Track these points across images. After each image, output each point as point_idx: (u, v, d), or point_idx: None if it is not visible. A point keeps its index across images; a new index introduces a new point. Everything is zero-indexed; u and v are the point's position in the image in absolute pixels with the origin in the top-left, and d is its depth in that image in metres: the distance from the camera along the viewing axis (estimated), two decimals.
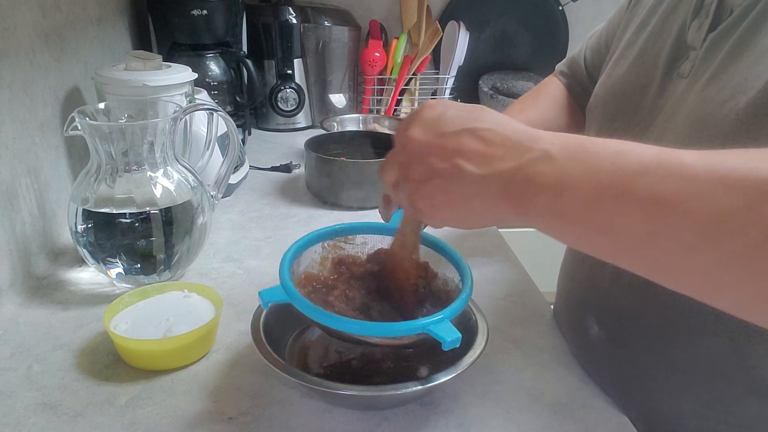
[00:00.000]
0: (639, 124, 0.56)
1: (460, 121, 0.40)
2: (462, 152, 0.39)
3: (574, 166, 0.35)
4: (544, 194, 0.36)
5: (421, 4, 1.43)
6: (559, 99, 0.78)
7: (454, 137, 0.39)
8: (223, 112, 0.79)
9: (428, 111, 0.42)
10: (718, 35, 0.50)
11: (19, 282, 0.72)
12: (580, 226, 0.35)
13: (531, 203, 0.36)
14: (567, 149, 0.36)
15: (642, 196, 0.32)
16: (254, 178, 1.11)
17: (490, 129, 0.39)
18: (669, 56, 0.55)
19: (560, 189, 0.35)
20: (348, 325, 0.48)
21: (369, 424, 0.53)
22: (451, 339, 0.45)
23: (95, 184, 0.69)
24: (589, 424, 0.54)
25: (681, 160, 0.32)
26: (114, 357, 0.61)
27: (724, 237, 0.30)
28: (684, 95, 0.51)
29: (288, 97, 1.37)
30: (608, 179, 0.33)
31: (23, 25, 0.74)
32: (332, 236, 0.61)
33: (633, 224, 0.32)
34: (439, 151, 0.39)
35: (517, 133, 0.38)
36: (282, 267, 0.53)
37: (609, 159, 0.34)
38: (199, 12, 1.17)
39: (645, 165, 0.33)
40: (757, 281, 0.30)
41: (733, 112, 0.45)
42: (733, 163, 0.31)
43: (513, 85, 1.52)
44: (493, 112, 0.41)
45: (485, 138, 0.38)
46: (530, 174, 0.36)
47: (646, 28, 0.60)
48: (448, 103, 0.42)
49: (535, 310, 0.72)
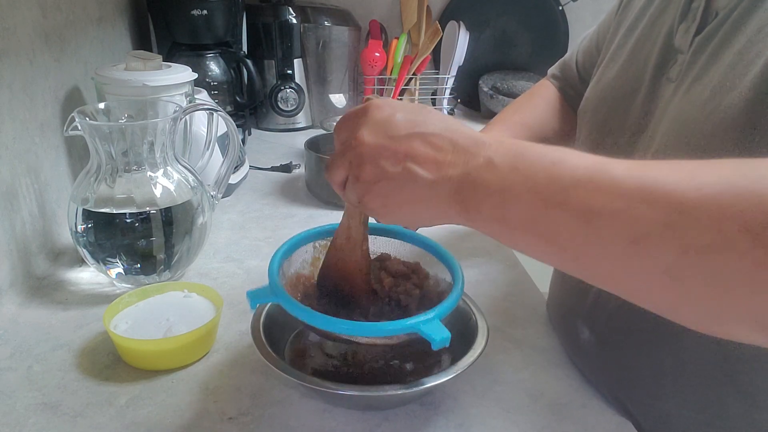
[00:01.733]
0: (629, 129, 0.56)
1: (410, 125, 0.40)
2: (413, 156, 0.40)
3: (514, 174, 0.36)
4: (488, 201, 0.37)
5: (421, 4, 1.43)
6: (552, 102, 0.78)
7: (405, 141, 0.40)
8: (223, 112, 0.79)
9: (377, 112, 0.42)
10: (703, 39, 0.50)
11: (19, 282, 0.72)
12: (521, 232, 0.37)
13: (476, 209, 0.38)
14: (508, 157, 0.37)
15: (575, 208, 0.34)
16: (254, 178, 1.11)
17: (438, 134, 0.40)
18: (657, 60, 0.54)
19: (502, 197, 0.36)
20: (336, 325, 0.48)
21: (369, 424, 0.53)
22: (440, 338, 0.45)
23: (95, 184, 0.69)
24: (589, 424, 0.54)
25: (611, 174, 0.33)
26: (114, 357, 0.61)
27: (647, 252, 0.31)
28: (671, 99, 0.51)
29: (288, 97, 1.37)
30: (544, 189, 0.35)
31: (23, 25, 0.74)
32: (323, 236, 0.60)
33: (569, 233, 0.34)
34: (391, 154, 0.40)
35: (465, 139, 0.39)
36: (271, 267, 0.53)
37: (545, 170, 0.35)
38: (199, 12, 1.17)
39: (577, 178, 0.34)
40: (678, 290, 0.31)
41: (714, 113, 0.45)
42: (660, 177, 0.32)
43: (513, 85, 1.52)
44: (440, 115, 0.42)
45: (434, 143, 0.40)
46: (476, 181, 0.38)
47: (634, 31, 0.60)
48: (395, 103, 0.42)
49: (535, 310, 0.72)
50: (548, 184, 0.35)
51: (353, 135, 0.42)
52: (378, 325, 0.48)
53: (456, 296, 0.51)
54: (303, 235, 0.59)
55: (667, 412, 0.54)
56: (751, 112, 0.42)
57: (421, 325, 0.46)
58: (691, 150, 0.46)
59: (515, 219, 0.36)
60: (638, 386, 0.55)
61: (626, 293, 0.35)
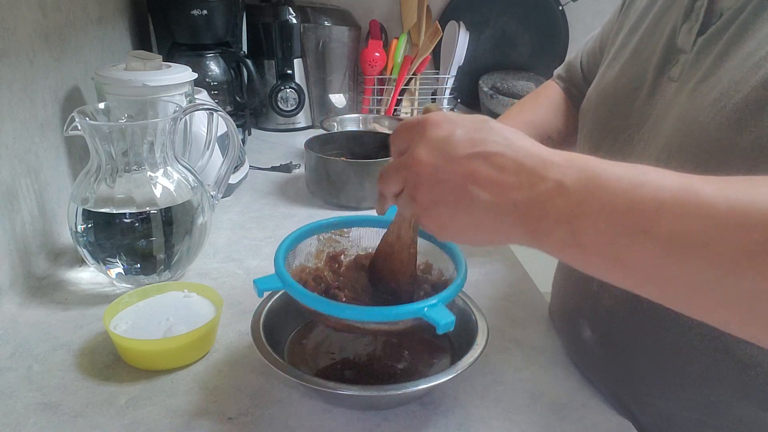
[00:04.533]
0: (630, 128, 0.56)
1: (471, 144, 0.38)
2: (474, 179, 0.37)
3: (589, 199, 0.34)
4: (559, 228, 0.35)
5: (421, 4, 1.43)
6: (557, 102, 0.79)
7: (466, 162, 0.37)
8: (223, 112, 0.79)
9: (435, 130, 0.39)
10: (708, 38, 0.50)
11: (19, 282, 0.72)
12: (596, 258, 0.35)
13: (546, 235, 0.36)
14: (581, 181, 0.35)
15: (659, 234, 0.32)
16: (254, 178, 1.11)
17: (502, 154, 0.37)
18: (659, 60, 0.54)
19: (576, 223, 0.34)
20: (342, 310, 0.48)
21: (369, 424, 0.53)
22: (445, 322, 0.45)
23: (95, 184, 0.69)
24: (589, 424, 0.54)
25: (699, 196, 0.31)
26: (114, 357, 0.61)
27: (745, 276, 0.29)
28: (674, 99, 0.51)
29: (288, 97, 1.37)
30: (625, 216, 0.33)
31: (23, 25, 0.74)
32: (327, 229, 0.60)
33: (651, 260, 0.32)
34: (450, 177, 0.38)
35: (530, 158, 0.37)
36: (277, 256, 0.53)
37: (625, 194, 0.33)
38: (199, 12, 1.17)
39: (662, 201, 0.32)
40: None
41: (720, 114, 0.45)
42: (754, 195, 0.30)
43: (513, 85, 1.52)
44: (502, 129, 0.39)
45: (497, 164, 0.37)
46: (545, 206, 0.35)
47: (637, 31, 0.60)
48: (455, 119, 0.40)
49: (535, 310, 0.72)
50: (629, 210, 0.32)
51: (410, 153, 0.40)
52: (383, 309, 0.48)
53: (460, 282, 0.51)
54: (307, 227, 0.59)
55: (669, 412, 0.54)
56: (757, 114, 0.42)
57: (426, 309, 0.46)
58: (698, 151, 0.46)
59: (590, 246, 0.34)
60: (640, 386, 0.55)
61: (717, 321, 0.33)
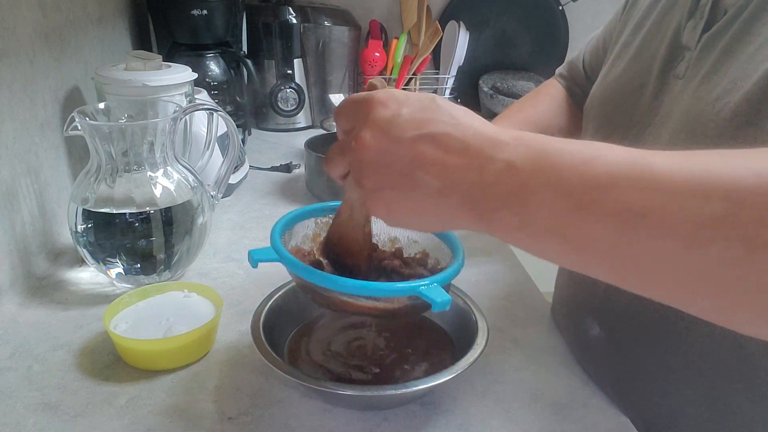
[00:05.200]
0: (636, 125, 0.56)
1: (417, 125, 0.36)
2: (420, 162, 0.36)
3: (538, 177, 0.32)
4: (507, 209, 0.33)
5: (421, 4, 1.43)
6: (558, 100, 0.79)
7: (411, 144, 0.36)
8: (223, 112, 0.79)
9: (381, 110, 0.37)
10: (712, 36, 0.50)
11: (19, 282, 0.72)
12: (544, 238, 0.33)
13: (493, 217, 0.34)
14: (531, 159, 0.33)
15: (612, 210, 0.30)
16: (254, 178, 1.11)
17: (448, 134, 0.35)
18: (664, 57, 0.55)
19: (524, 202, 0.33)
20: (337, 283, 0.47)
21: (369, 424, 0.53)
22: (441, 300, 0.45)
23: (95, 184, 0.69)
24: (589, 423, 0.54)
25: (653, 168, 0.30)
26: (114, 357, 0.61)
27: (703, 248, 0.28)
28: (679, 96, 0.51)
29: (288, 97, 1.37)
30: (575, 191, 0.31)
31: (23, 25, 0.74)
32: (325, 213, 0.60)
33: (603, 236, 0.31)
34: (395, 160, 0.36)
35: (478, 138, 0.35)
36: (274, 231, 0.53)
37: (576, 169, 0.31)
38: (199, 12, 1.17)
39: (613, 176, 0.30)
40: (736, 291, 0.28)
41: (724, 110, 0.45)
42: (709, 166, 0.29)
43: (513, 85, 1.52)
44: (451, 109, 0.37)
45: (444, 144, 0.35)
46: (492, 188, 0.34)
47: (641, 29, 0.60)
48: (401, 97, 0.38)
49: (535, 310, 0.72)
50: (579, 185, 0.31)
51: (355, 134, 0.38)
52: (379, 285, 0.47)
53: (458, 265, 0.51)
54: (305, 209, 0.59)
55: (676, 409, 0.54)
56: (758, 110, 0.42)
57: (422, 287, 0.46)
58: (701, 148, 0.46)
59: (541, 226, 0.32)
60: (647, 383, 0.55)
61: (673, 299, 0.31)
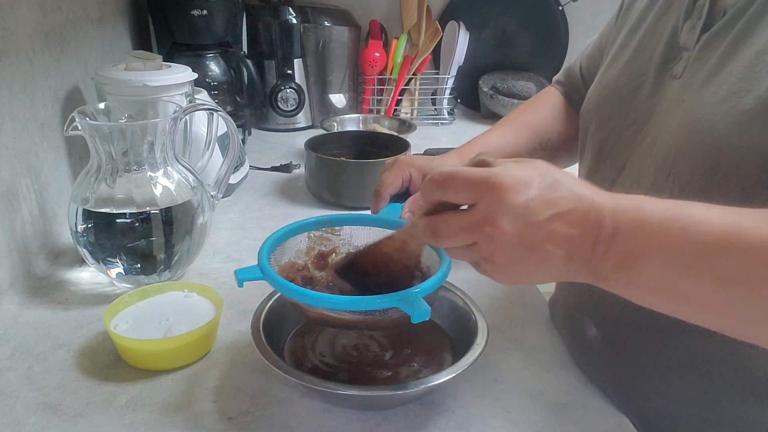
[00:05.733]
0: (633, 125, 0.56)
1: (547, 206, 0.39)
2: (551, 238, 0.39)
3: (642, 245, 0.38)
4: (620, 272, 0.39)
5: (421, 4, 1.43)
6: (556, 106, 0.79)
7: (546, 225, 0.39)
8: (223, 112, 0.79)
9: (513, 196, 0.39)
10: (712, 36, 0.50)
11: (19, 282, 0.72)
12: (654, 296, 0.39)
13: (609, 278, 0.39)
14: (633, 225, 0.38)
15: (713, 276, 0.35)
16: (254, 178, 1.11)
17: (572, 210, 0.39)
18: (661, 57, 0.55)
19: (634, 268, 0.38)
20: (317, 299, 0.48)
21: (369, 424, 0.53)
22: (419, 311, 0.45)
23: (95, 184, 0.69)
24: (589, 423, 0.54)
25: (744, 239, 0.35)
26: (114, 357, 0.61)
27: None
28: (677, 96, 0.52)
29: (288, 97, 1.37)
30: (679, 262, 0.36)
31: (23, 25, 0.74)
32: (318, 227, 0.60)
33: (708, 298, 0.36)
34: (531, 240, 0.39)
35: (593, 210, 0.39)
36: (261, 250, 0.53)
37: (676, 237, 0.37)
38: (199, 12, 1.17)
39: (710, 246, 0.36)
40: None
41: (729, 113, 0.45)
42: None
43: (513, 85, 1.52)
44: (566, 181, 0.40)
45: (569, 220, 0.39)
46: (607, 255, 0.38)
47: (638, 30, 0.60)
48: (526, 179, 0.40)
49: (535, 310, 0.72)
50: (681, 256, 0.36)
51: (488, 219, 0.39)
52: (355, 299, 0.48)
53: (441, 275, 0.51)
54: (296, 224, 0.59)
55: (674, 410, 0.54)
56: None
57: (400, 298, 0.47)
58: (707, 149, 0.46)
59: (650, 286, 0.38)
60: (645, 383, 0.55)
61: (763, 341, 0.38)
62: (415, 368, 0.58)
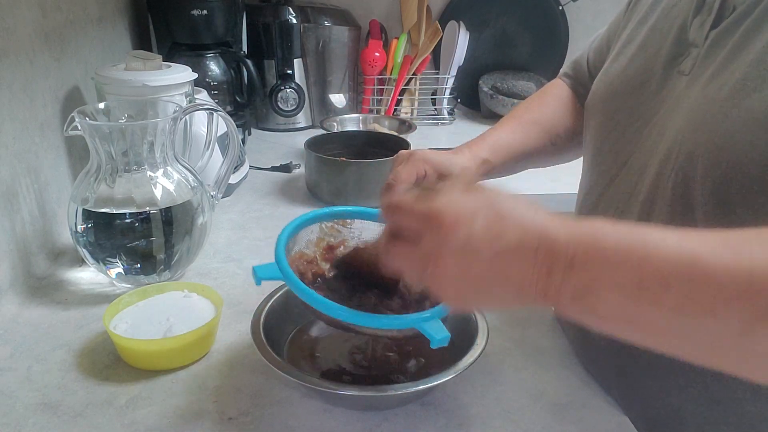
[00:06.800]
0: (638, 120, 0.56)
1: (490, 241, 0.38)
2: (497, 276, 0.38)
3: (598, 276, 0.36)
4: (576, 302, 0.37)
5: (421, 4, 1.43)
6: (564, 100, 0.78)
7: (491, 263, 0.38)
8: (223, 112, 0.79)
9: (454, 232, 0.38)
10: (721, 33, 0.49)
11: (19, 282, 0.72)
12: (610, 324, 0.38)
13: (568, 307, 0.38)
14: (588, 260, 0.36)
15: (669, 306, 0.34)
16: (254, 178, 1.11)
17: (521, 244, 0.37)
18: (669, 53, 0.54)
19: (590, 297, 0.37)
20: (340, 312, 0.48)
21: (369, 424, 0.53)
22: (440, 337, 0.45)
23: (95, 184, 0.69)
24: (589, 424, 0.54)
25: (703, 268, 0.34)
26: (114, 357, 0.61)
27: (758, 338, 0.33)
28: (685, 92, 0.51)
29: (288, 97, 1.37)
30: (634, 295, 0.35)
31: (23, 25, 0.74)
32: (330, 218, 0.60)
33: (665, 327, 0.35)
34: (475, 278, 0.39)
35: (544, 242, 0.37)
36: (278, 245, 0.53)
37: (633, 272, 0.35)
38: (199, 12, 1.17)
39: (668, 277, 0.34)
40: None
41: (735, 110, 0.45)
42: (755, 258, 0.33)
43: (513, 85, 1.52)
44: (514, 210, 0.39)
45: (519, 256, 0.38)
46: (562, 286, 0.37)
47: (645, 24, 0.60)
48: (466, 211, 0.39)
49: (536, 310, 0.72)
50: (637, 288, 0.35)
51: (431, 256, 0.39)
52: (381, 317, 0.48)
53: None
54: (311, 215, 0.58)
55: (677, 407, 0.54)
56: None
57: (422, 322, 0.47)
58: (711, 147, 0.46)
59: (608, 315, 0.37)
60: (650, 382, 0.55)
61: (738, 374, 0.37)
62: (415, 368, 0.58)
